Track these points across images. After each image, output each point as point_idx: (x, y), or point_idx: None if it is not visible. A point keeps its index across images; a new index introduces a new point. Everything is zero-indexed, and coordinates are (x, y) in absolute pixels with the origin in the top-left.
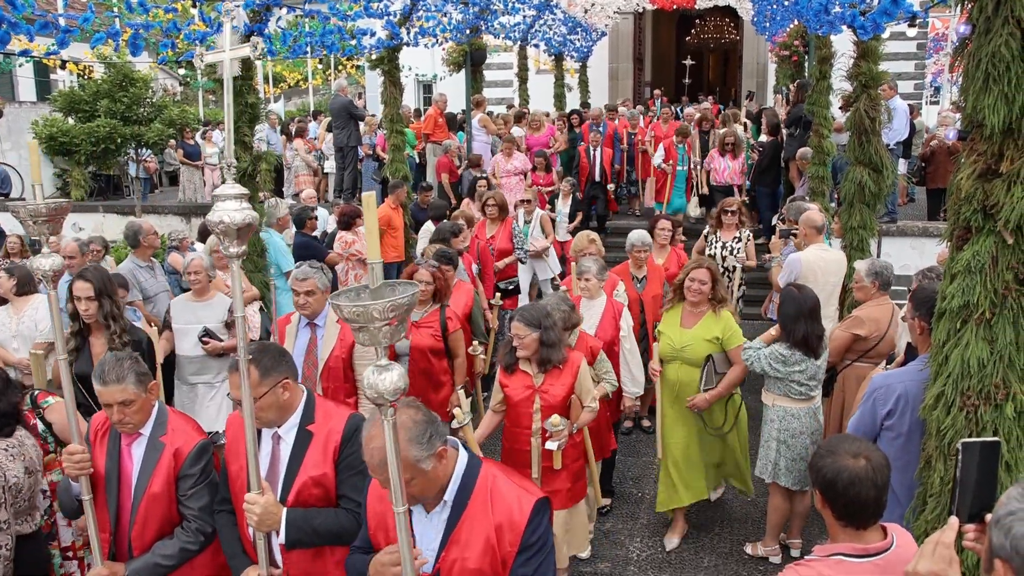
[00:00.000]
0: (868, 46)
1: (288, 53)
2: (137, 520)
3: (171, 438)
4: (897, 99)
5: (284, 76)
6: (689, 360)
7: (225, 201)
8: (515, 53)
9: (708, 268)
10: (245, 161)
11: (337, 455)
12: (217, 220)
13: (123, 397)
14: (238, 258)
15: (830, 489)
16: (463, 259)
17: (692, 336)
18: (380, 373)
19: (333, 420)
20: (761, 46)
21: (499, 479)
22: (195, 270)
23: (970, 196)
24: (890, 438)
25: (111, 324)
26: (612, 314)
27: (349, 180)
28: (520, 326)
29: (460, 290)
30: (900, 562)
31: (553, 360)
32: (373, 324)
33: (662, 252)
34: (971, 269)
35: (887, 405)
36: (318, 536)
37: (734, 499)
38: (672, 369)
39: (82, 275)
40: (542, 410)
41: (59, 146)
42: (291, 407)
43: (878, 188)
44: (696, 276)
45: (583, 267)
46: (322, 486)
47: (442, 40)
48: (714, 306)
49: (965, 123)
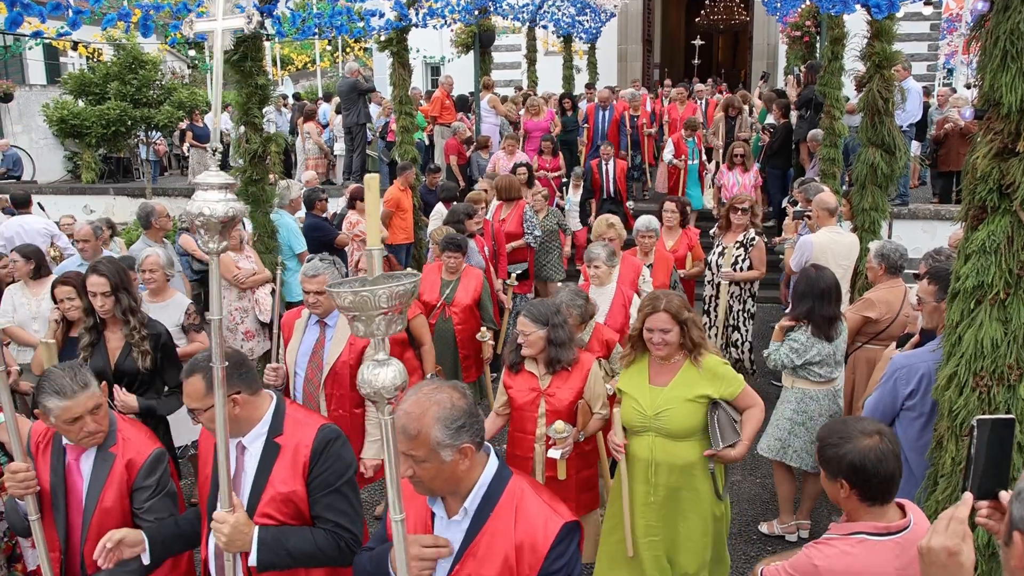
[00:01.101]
0: (882, 25)
1: (296, 34)
2: (89, 536)
3: (122, 448)
4: (911, 80)
5: (292, 58)
6: (669, 431)
7: (207, 191)
8: (523, 35)
9: (667, 311)
10: (255, 143)
11: (307, 472)
12: (196, 212)
13: (93, 403)
14: (217, 255)
15: (860, 473)
16: (476, 241)
17: (669, 397)
18: (376, 368)
19: (302, 432)
20: (772, 27)
21: (528, 494)
22: (150, 268)
23: (986, 175)
24: (911, 418)
25: (130, 319)
26: (622, 302)
27: (358, 162)
28: (526, 322)
29: (469, 275)
30: (918, 539)
31: (562, 361)
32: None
33: (672, 235)
34: (986, 249)
35: (909, 385)
36: (292, 558)
37: (742, 479)
38: (642, 445)
39: (96, 269)
40: (547, 414)
41: (70, 129)
42: (252, 418)
43: (891, 170)
44: (655, 324)
45: (592, 254)
46: (292, 503)
47: (450, 21)
48: (690, 354)
49: (981, 101)
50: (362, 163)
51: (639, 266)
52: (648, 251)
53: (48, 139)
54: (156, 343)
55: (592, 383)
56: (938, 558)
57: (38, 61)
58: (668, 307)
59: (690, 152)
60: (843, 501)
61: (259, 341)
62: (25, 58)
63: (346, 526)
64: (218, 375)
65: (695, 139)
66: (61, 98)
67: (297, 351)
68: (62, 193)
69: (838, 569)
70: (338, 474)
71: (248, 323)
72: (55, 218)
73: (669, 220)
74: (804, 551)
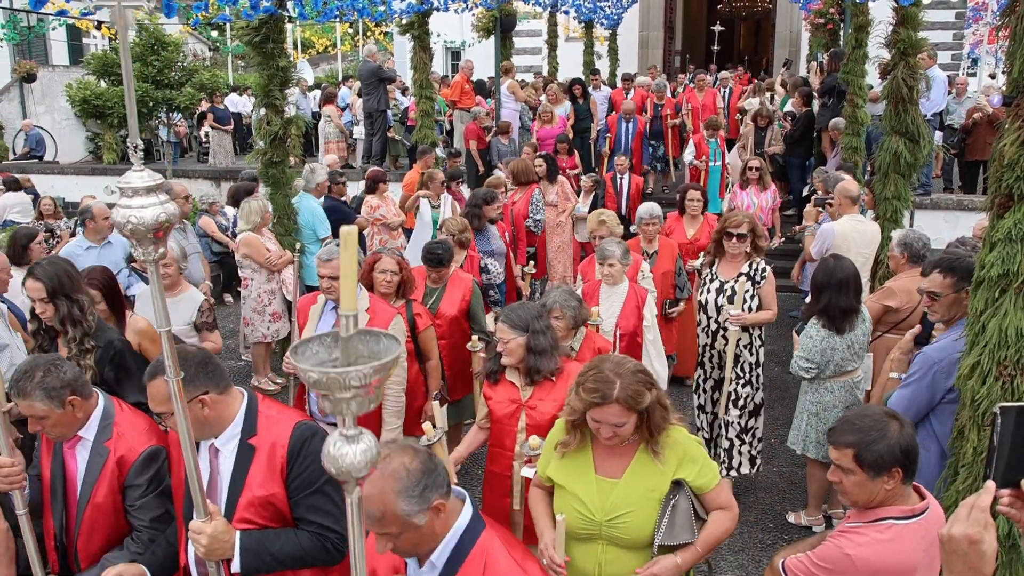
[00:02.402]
0: (908, 12)
1: (318, 16)
2: (82, 531)
3: (116, 444)
4: (936, 69)
5: (313, 41)
6: (626, 541)
7: (132, 196)
8: (544, 20)
9: (621, 402)
10: (276, 124)
11: (286, 473)
12: (123, 221)
13: (31, 413)
14: (156, 263)
15: (910, 454)
16: (497, 227)
17: (626, 495)
18: (344, 446)
19: (276, 432)
20: (795, 14)
21: (497, 553)
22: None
23: (1013, 163)
24: (951, 411)
25: (69, 329)
26: (635, 302)
27: (378, 146)
28: (504, 328)
29: (455, 283)
30: (937, 519)
31: (542, 371)
32: (338, 396)
33: (694, 223)
34: (1012, 238)
35: (950, 379)
36: (277, 562)
37: (760, 469)
38: (587, 557)
39: (32, 272)
40: (528, 428)
41: (92, 109)
42: (223, 418)
43: (914, 158)
44: (603, 418)
45: (607, 251)
46: (272, 506)
47: (472, 5)
48: (648, 440)
49: (1010, 88)
50: (382, 147)
51: (638, 261)
52: (652, 238)
53: (70, 120)
54: (107, 355)
55: None
56: (959, 546)
57: (61, 42)
58: (622, 396)
59: (712, 153)
60: (886, 493)
61: (284, 323)
62: (48, 39)
63: (330, 526)
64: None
65: (717, 139)
66: (84, 79)
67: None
68: (83, 174)
69: (871, 557)
70: (319, 472)
71: (276, 304)
72: (75, 199)
73: (693, 208)
74: (832, 541)
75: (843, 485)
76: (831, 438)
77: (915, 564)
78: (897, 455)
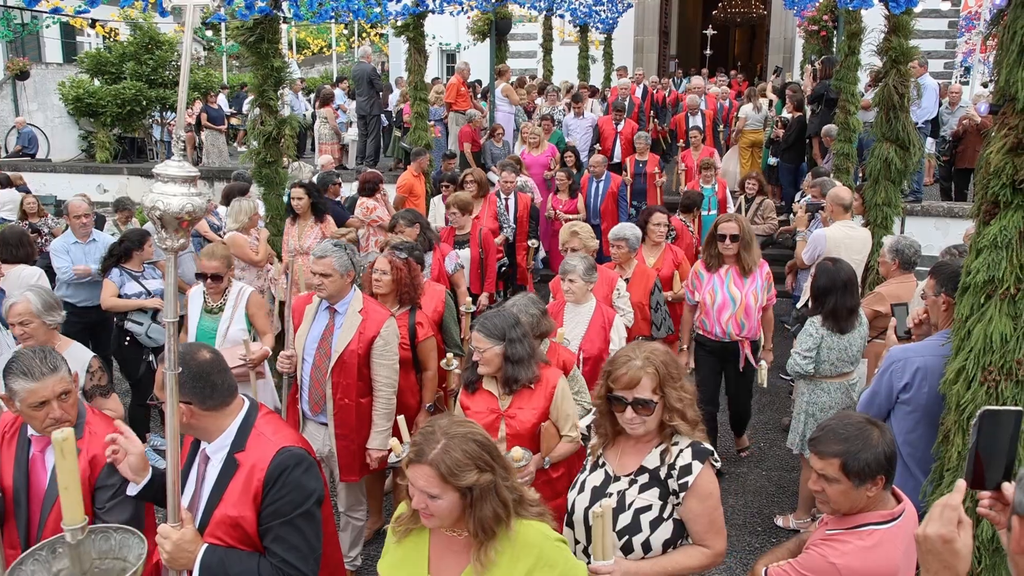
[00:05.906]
0: (900, 20)
1: (313, 17)
2: (44, 535)
3: (88, 443)
4: (927, 77)
5: (308, 42)
6: None
7: (167, 183)
8: (540, 23)
9: (432, 465)
10: (269, 125)
11: (260, 499)
12: (151, 206)
13: (63, 387)
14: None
15: (892, 460)
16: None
17: None
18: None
19: (260, 453)
20: (789, 21)
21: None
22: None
23: (999, 170)
24: (905, 412)
25: None
26: (601, 322)
27: (372, 147)
28: (480, 337)
29: (427, 294)
30: (913, 521)
31: (519, 380)
32: None
33: (654, 251)
34: (997, 244)
35: (904, 378)
36: None
37: (748, 471)
38: None
39: None
40: (508, 439)
41: (85, 108)
42: (208, 431)
43: (904, 165)
44: (412, 478)
45: (567, 266)
46: (240, 528)
47: (467, 7)
48: (475, 538)
49: (997, 97)
50: (375, 149)
51: (614, 279)
52: (623, 263)
53: (63, 118)
54: None
55: (559, 402)
56: (934, 546)
57: (55, 39)
58: (437, 460)
59: (706, 201)
60: (868, 500)
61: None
62: (42, 36)
63: (293, 563)
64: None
65: (715, 183)
66: (77, 77)
67: (306, 337)
68: (76, 172)
69: (856, 565)
70: (294, 504)
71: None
72: (66, 197)
73: (656, 235)
74: (815, 550)
75: (827, 494)
76: (815, 448)
77: (897, 567)
78: (882, 463)
